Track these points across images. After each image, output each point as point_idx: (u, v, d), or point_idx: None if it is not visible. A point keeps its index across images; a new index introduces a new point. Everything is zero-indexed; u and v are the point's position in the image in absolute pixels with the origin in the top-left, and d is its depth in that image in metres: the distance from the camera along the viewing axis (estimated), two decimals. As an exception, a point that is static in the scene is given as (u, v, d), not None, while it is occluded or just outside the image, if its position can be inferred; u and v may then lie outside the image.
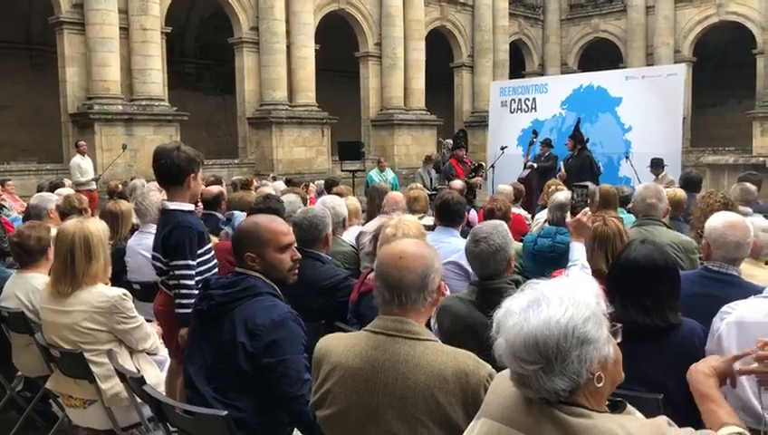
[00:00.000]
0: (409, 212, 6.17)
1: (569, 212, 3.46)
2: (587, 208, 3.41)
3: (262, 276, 2.55)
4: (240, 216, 5.06)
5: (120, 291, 3.14)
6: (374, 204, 6.13)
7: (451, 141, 11.66)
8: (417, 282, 1.97)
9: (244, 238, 2.58)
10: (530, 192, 9.23)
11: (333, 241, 4.21)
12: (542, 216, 6.28)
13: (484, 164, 10.75)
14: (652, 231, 4.25)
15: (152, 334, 3.27)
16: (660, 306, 2.38)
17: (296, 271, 2.68)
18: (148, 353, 3.29)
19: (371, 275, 2.27)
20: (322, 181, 9.99)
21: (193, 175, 3.19)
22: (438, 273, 2.03)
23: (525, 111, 15.19)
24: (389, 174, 14.10)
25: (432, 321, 3.13)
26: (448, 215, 4.40)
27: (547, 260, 4.13)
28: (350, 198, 5.99)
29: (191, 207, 3.24)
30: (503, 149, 13.43)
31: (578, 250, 3.34)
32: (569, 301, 1.42)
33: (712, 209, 4.38)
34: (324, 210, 3.89)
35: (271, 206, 4.32)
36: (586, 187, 3.56)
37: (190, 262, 3.12)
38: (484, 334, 1.53)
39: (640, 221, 4.37)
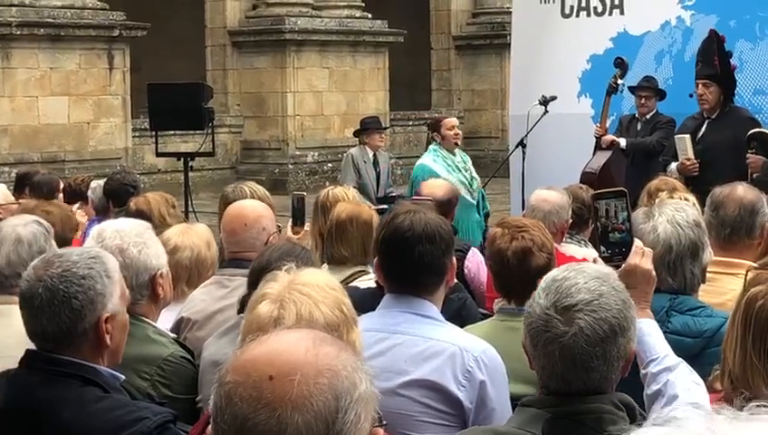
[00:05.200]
0: (324, 257, 6.16)
1: (598, 256, 3.93)
2: (639, 243, 3.84)
3: None
4: None
5: None
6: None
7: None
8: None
9: None
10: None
11: (131, 335, 4.24)
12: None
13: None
14: None
15: None
16: None
17: None
18: None
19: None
20: (108, 182, 9.83)
21: None
22: (367, 405, 2.12)
23: (599, 14, 15.37)
24: (465, 158, 13.19)
25: None
26: (408, 268, 4.50)
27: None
28: (198, 226, 6.16)
29: None
30: (545, 102, 13.57)
31: (656, 336, 3.75)
32: None
33: None
34: (99, 258, 3.96)
35: None
36: (624, 195, 3.94)
37: None
38: None
39: None
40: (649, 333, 3.75)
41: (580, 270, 3.30)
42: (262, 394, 2.04)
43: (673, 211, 4.68)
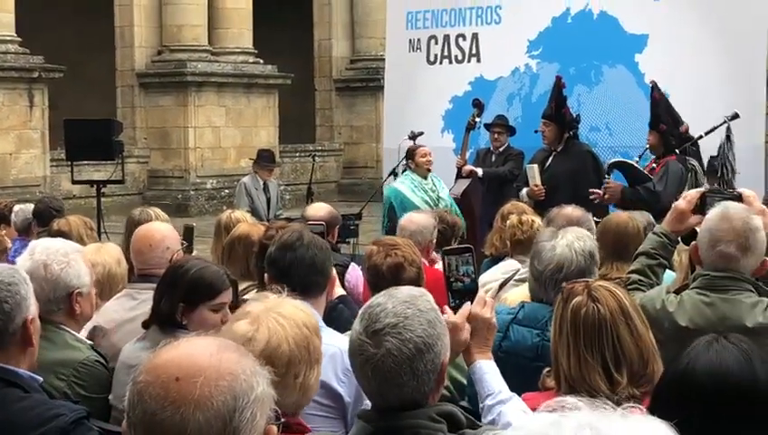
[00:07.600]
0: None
1: (449, 304, 3.88)
2: (482, 294, 3.89)
3: None
4: None
5: None
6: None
7: None
8: (214, 431, 2.06)
9: None
10: (471, 225, 9.38)
11: (52, 341, 4.22)
12: (498, 274, 6.51)
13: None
14: (734, 304, 4.51)
15: None
16: None
17: None
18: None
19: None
20: (32, 206, 9.78)
21: None
22: (263, 405, 2.15)
23: (459, 62, 15.57)
24: (439, 185, 12.27)
25: None
26: (295, 268, 4.56)
27: (525, 373, 4.28)
28: (109, 245, 6.04)
29: None
30: (414, 137, 13.65)
31: (492, 374, 3.77)
32: None
33: None
34: (17, 269, 3.94)
35: None
36: (469, 251, 3.97)
37: None
38: None
39: (707, 281, 4.63)
40: (488, 372, 3.75)
41: (392, 295, 3.29)
42: (168, 393, 2.05)
43: (574, 238, 4.70)
